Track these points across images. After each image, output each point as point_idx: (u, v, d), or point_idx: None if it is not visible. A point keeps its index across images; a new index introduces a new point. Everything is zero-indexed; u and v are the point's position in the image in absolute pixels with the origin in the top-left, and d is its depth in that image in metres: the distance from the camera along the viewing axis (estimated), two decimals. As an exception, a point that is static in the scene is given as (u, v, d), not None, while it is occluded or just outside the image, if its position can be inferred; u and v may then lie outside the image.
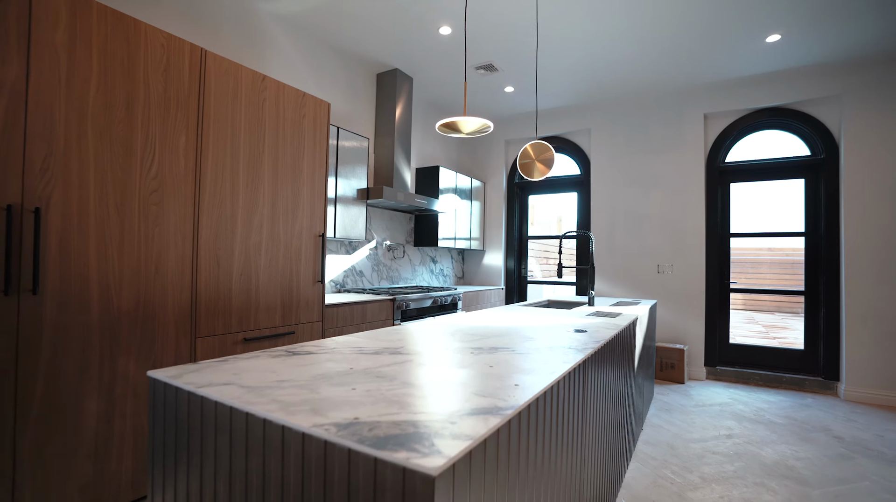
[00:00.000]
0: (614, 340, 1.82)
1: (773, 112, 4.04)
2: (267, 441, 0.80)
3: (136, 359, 1.85)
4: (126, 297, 1.81)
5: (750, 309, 5.14)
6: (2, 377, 1.49)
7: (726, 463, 2.43)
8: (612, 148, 4.68)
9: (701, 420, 3.11)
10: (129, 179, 1.82)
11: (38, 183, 1.56)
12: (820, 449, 2.63)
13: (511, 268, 5.37)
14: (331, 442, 0.70)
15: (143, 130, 1.86)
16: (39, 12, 1.56)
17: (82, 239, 1.68)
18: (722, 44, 3.38)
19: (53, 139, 1.60)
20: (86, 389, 1.70)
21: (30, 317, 1.55)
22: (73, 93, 1.65)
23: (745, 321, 5.20)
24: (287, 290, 2.50)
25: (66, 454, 1.64)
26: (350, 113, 3.82)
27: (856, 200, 3.65)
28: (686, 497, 2.06)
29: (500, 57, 3.69)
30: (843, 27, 3.09)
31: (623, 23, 3.11)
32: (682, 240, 4.32)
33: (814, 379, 3.88)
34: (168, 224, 1.95)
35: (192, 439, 0.95)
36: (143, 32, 1.85)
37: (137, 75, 1.84)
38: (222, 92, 2.16)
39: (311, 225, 2.65)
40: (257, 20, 3.04)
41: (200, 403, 0.93)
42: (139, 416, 1.86)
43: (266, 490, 0.80)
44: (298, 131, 2.56)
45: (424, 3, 2.93)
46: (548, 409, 1.05)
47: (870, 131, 3.61)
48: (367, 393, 0.92)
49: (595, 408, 1.52)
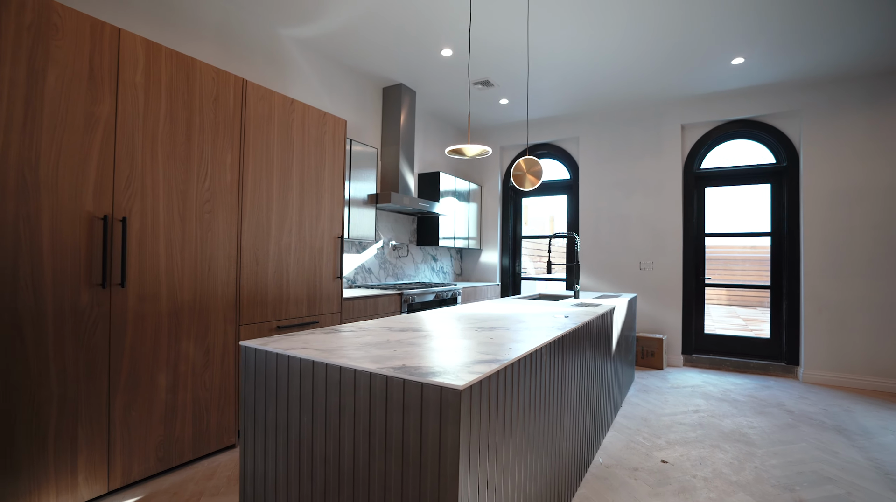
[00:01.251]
0: (591, 324, 2.22)
1: (742, 124, 4.46)
2: (342, 382, 1.18)
3: (194, 342, 2.22)
4: (187, 291, 2.18)
5: (734, 304, 5.57)
6: (99, 354, 1.86)
7: (690, 431, 2.84)
8: (599, 154, 5.08)
9: (674, 399, 3.53)
10: (189, 192, 2.18)
11: (124, 197, 1.93)
12: (771, 421, 3.06)
13: (506, 265, 5.77)
14: (391, 377, 1.09)
15: (199, 151, 2.23)
16: (124, 57, 1.92)
17: (154, 242, 2.05)
18: (694, 64, 3.78)
19: (133, 162, 1.97)
20: (157, 366, 2.07)
21: (119, 306, 1.92)
22: (148, 123, 2.01)
23: (727, 315, 5.64)
24: (311, 285, 2.88)
25: (144, 418, 2.02)
26: (359, 124, 4.19)
27: (813, 204, 4.08)
28: (652, 455, 2.46)
29: (496, 74, 4.07)
30: (798, 52, 3.50)
31: (604, 47, 3.50)
32: (662, 239, 4.73)
33: (777, 365, 4.32)
34: (218, 229, 2.32)
35: (279, 386, 1.33)
36: (198, 69, 2.22)
37: (194, 105, 2.20)
38: (259, 115, 2.53)
39: (331, 228, 3.03)
40: (280, 44, 3.40)
41: (287, 361, 1.31)
42: (196, 390, 2.23)
43: (341, 416, 1.19)
44: (320, 146, 2.93)
45: (428, 29, 3.30)
46: (533, 366, 1.44)
47: (825, 142, 4.04)
48: (404, 353, 1.31)
49: (573, 376, 1.91)
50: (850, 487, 2.14)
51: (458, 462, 1.01)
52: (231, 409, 2.39)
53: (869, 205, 3.87)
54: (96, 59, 1.83)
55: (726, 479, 2.20)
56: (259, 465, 1.38)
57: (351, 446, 1.17)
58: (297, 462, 1.28)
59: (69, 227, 1.76)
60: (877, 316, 3.83)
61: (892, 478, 2.24)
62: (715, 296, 5.07)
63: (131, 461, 1.97)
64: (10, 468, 1.61)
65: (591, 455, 2.35)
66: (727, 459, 2.43)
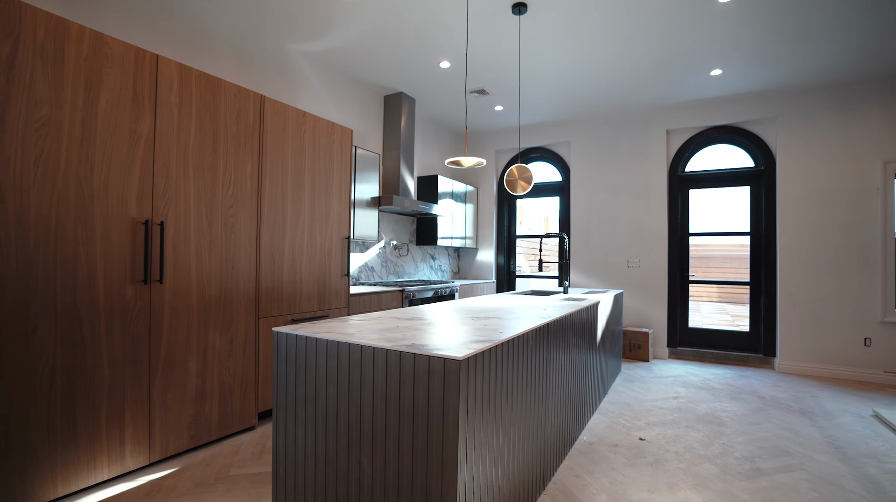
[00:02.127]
0: (574, 315, 2.49)
1: (724, 129, 4.73)
2: (363, 358, 1.45)
3: (220, 333, 2.48)
4: (213, 287, 2.44)
5: (717, 300, 5.86)
6: (142, 343, 2.11)
7: (668, 414, 3.12)
8: (589, 158, 5.36)
9: (656, 387, 3.81)
10: (215, 198, 2.44)
11: (161, 204, 2.18)
12: (744, 405, 3.34)
13: (501, 263, 6.04)
14: (403, 352, 1.35)
15: (223, 161, 2.48)
16: (162, 80, 2.17)
17: (186, 243, 2.30)
18: (677, 75, 4.05)
19: (169, 172, 2.22)
20: (189, 354, 2.32)
21: (157, 301, 2.17)
22: (181, 137, 2.27)
23: (716, 312, 5.93)
24: (321, 282, 3.14)
25: (178, 400, 2.27)
26: (362, 130, 4.44)
27: (788, 205, 4.37)
28: (631, 434, 2.74)
29: (491, 84, 4.33)
30: (771, 65, 3.78)
31: (593, 60, 3.77)
32: (648, 238, 5.01)
33: (755, 356, 4.61)
34: (240, 231, 2.57)
35: (308, 364, 1.59)
36: (222, 87, 2.47)
37: (219, 120, 2.46)
38: (275, 128, 2.78)
39: (339, 229, 3.29)
40: (290, 58, 3.65)
41: (315, 343, 1.57)
42: (222, 376, 2.49)
43: (362, 386, 1.45)
44: (329, 154, 3.19)
45: (427, 44, 3.56)
46: (521, 347, 1.71)
47: (798, 147, 4.32)
48: (412, 335, 1.57)
49: (557, 360, 2.18)
50: (804, 458, 2.42)
51: (457, 421, 1.27)
52: (251, 395, 2.65)
53: (838, 206, 4.16)
54: (139, 82, 2.08)
55: (695, 453, 2.47)
56: (290, 431, 1.64)
57: (370, 411, 1.43)
58: (325, 426, 1.54)
59: (117, 231, 2.01)
60: (845, 310, 4.12)
61: (841, 451, 2.52)
62: (705, 293, 5.35)
63: (168, 437, 2.23)
64: (72, 440, 1.86)
65: (577, 433, 2.62)
66: (698, 437, 2.71)
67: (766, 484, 2.14)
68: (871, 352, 4.04)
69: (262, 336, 2.72)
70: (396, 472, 1.38)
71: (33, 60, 1.73)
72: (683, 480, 2.16)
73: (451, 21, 3.18)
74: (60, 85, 1.81)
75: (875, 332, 4.02)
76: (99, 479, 1.96)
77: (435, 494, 1.31)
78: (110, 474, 2.00)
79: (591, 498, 1.97)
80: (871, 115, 4.04)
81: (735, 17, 3.06)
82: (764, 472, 2.26)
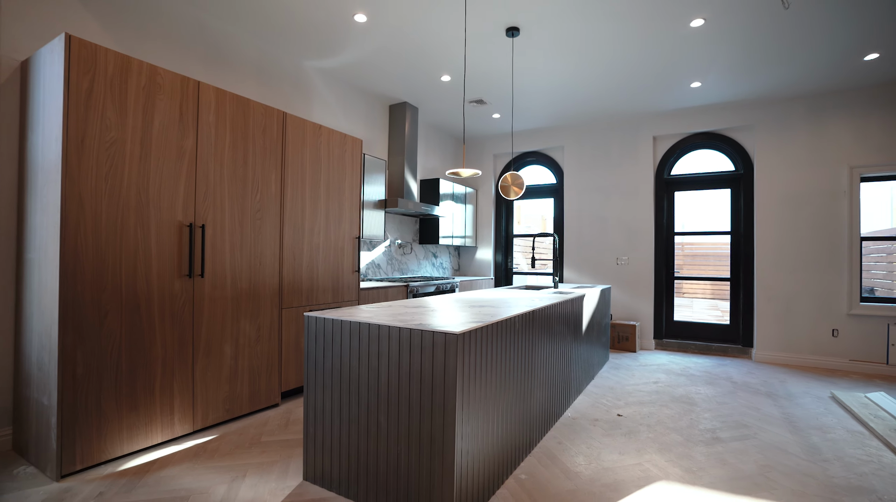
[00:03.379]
0: (559, 305, 2.84)
1: (706, 136, 5.07)
2: (380, 335, 1.80)
3: (249, 321, 2.84)
4: (244, 281, 2.79)
5: (709, 297, 6.20)
6: (186, 328, 2.47)
7: (647, 396, 3.47)
8: (581, 162, 5.70)
9: (639, 374, 4.16)
10: (245, 204, 2.79)
11: (202, 209, 2.54)
12: (716, 389, 3.69)
13: (499, 261, 6.40)
14: (413, 329, 1.71)
15: (252, 171, 2.83)
16: (202, 102, 2.52)
17: (221, 243, 2.66)
18: (661, 87, 4.39)
19: (207, 182, 2.57)
20: (224, 339, 2.68)
21: (199, 292, 2.53)
22: (217, 152, 2.62)
23: (709, 308, 6.26)
24: (335, 277, 3.49)
25: (216, 378, 2.63)
26: (369, 137, 4.79)
27: (764, 207, 4.71)
28: (611, 412, 3.09)
29: (488, 94, 4.68)
30: (746, 78, 4.12)
31: (583, 74, 4.11)
32: (636, 237, 5.35)
33: (735, 347, 4.96)
34: (266, 232, 2.93)
35: (333, 341, 1.95)
36: (251, 107, 2.82)
37: (248, 136, 2.81)
38: (295, 140, 3.13)
39: (350, 229, 3.64)
40: (305, 73, 4.00)
41: (340, 324, 1.93)
42: (251, 358, 2.85)
43: (379, 358, 1.81)
44: (341, 162, 3.54)
45: (430, 61, 3.90)
46: (509, 329, 2.06)
47: (774, 152, 4.66)
48: (419, 318, 1.92)
49: (543, 343, 2.54)
50: (759, 430, 2.78)
51: (455, 384, 1.63)
52: (275, 376, 3.01)
53: (809, 208, 4.50)
54: (184, 105, 2.43)
55: (665, 426, 2.83)
56: (319, 397, 2.00)
57: (386, 377, 1.79)
58: (348, 392, 1.90)
59: (167, 232, 2.37)
60: (815, 303, 4.46)
61: (793, 425, 2.87)
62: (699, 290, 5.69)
63: (207, 409, 2.59)
64: (133, 407, 2.22)
65: (562, 410, 2.98)
66: (670, 414, 3.06)
67: (720, 449, 2.49)
68: (838, 342, 4.38)
69: (285, 325, 3.08)
70: (407, 427, 1.74)
71: (104, 92, 2.09)
72: (650, 446, 2.52)
73: (451, 41, 3.53)
74: (124, 111, 2.17)
75: (842, 324, 4.36)
76: (154, 442, 2.32)
77: (437, 443, 1.67)
78: (163, 438, 2.36)
79: (569, 459, 2.33)
80: (839, 124, 4.38)
81: (706, 38, 3.40)
82: (721, 440, 2.61)
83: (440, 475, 1.67)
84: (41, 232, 2.08)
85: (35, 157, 2.14)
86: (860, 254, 4.35)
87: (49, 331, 2.00)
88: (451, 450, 1.64)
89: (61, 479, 1.98)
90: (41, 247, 2.08)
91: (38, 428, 2.07)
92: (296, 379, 3.18)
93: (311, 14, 3.15)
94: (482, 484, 1.86)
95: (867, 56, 3.64)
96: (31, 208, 2.16)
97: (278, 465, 2.20)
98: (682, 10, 3.03)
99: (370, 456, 1.84)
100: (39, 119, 2.12)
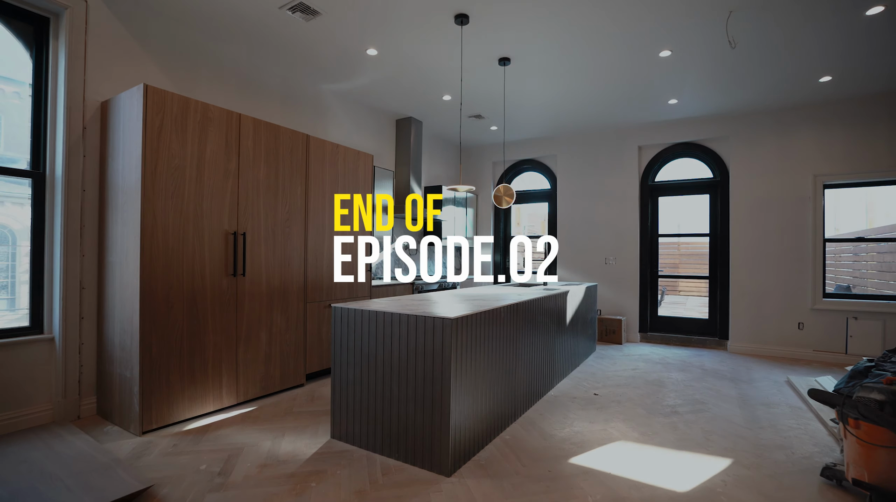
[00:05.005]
0: (544, 299, 3.33)
1: (687, 146, 5.53)
2: (392, 321, 2.31)
3: (280, 313, 3.35)
4: (276, 280, 3.31)
5: (699, 295, 6.66)
6: (231, 318, 2.99)
7: (623, 380, 3.95)
8: (573, 169, 6.17)
9: (621, 362, 4.64)
10: (276, 214, 3.31)
11: (242, 219, 3.06)
12: (687, 374, 4.16)
13: (498, 261, 6.88)
14: (418, 316, 2.21)
15: (282, 186, 3.35)
16: (242, 131, 3.04)
17: (258, 248, 3.18)
18: (641, 103, 4.86)
19: (246, 196, 3.09)
20: (260, 327, 3.20)
21: (241, 289, 3.05)
22: (254, 171, 3.14)
23: (699, 305, 6.73)
24: (350, 276, 4.00)
25: (254, 360, 3.15)
26: (378, 149, 5.30)
27: (739, 211, 5.16)
28: (589, 392, 3.58)
29: (486, 110, 5.17)
30: (716, 96, 4.57)
31: (569, 92, 4.59)
32: (623, 239, 5.82)
33: (712, 339, 5.42)
34: (293, 238, 3.44)
35: (355, 326, 2.46)
36: (281, 132, 3.34)
37: (279, 156, 3.32)
38: (317, 158, 3.64)
39: (362, 234, 4.15)
40: (322, 95, 4.51)
41: (360, 313, 2.43)
42: (283, 344, 3.36)
43: (392, 338, 2.31)
44: (355, 175, 4.05)
45: (433, 84, 4.39)
46: (497, 317, 2.56)
47: (746, 161, 5.11)
48: (423, 308, 2.43)
49: (527, 330, 3.03)
50: (713, 406, 3.26)
51: (450, 358, 2.13)
52: (301, 360, 3.53)
53: (779, 212, 4.95)
54: (229, 134, 2.95)
55: (633, 402, 3.32)
56: (343, 371, 2.51)
57: (398, 353, 2.29)
58: (367, 367, 2.41)
59: (217, 239, 2.89)
60: (783, 299, 4.92)
61: (745, 402, 3.34)
62: (684, 287, 6.15)
63: (248, 386, 3.11)
64: (191, 381, 2.75)
65: (546, 390, 3.48)
66: (640, 393, 3.55)
67: (675, 419, 2.98)
68: (803, 334, 4.84)
69: (309, 317, 3.59)
70: (413, 392, 2.24)
71: (171, 127, 2.61)
72: (617, 417, 3.01)
73: (451, 69, 4.02)
74: (184, 141, 2.69)
75: (807, 318, 4.82)
76: (208, 410, 2.85)
77: (437, 405, 2.17)
78: (214, 407, 2.89)
79: (547, 425, 2.83)
80: (803, 136, 4.83)
81: (675, 66, 3.87)
82: (678, 413, 3.10)
83: (439, 429, 2.17)
84: (122, 240, 2.61)
85: (116, 180, 2.67)
86: (823, 255, 4.80)
87: (131, 319, 2.53)
88: (448, 411, 2.14)
89: (143, 435, 2.51)
90: (122, 252, 2.61)
91: (122, 396, 2.60)
92: (318, 362, 3.70)
93: (329, 49, 3.66)
94: (473, 440, 2.37)
95: (821, 79, 4.09)
96: (112, 221, 2.69)
97: (309, 428, 2.71)
98: (651, 44, 3.50)
99: (384, 416, 2.35)
100: (120, 149, 2.65)
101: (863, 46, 3.46)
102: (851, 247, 5.01)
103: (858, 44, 3.42)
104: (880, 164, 4.51)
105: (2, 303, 2.65)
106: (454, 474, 2.17)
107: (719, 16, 3.06)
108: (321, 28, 3.31)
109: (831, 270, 4.93)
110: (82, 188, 2.76)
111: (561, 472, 2.22)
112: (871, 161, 4.55)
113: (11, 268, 2.68)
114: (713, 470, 2.25)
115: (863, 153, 4.59)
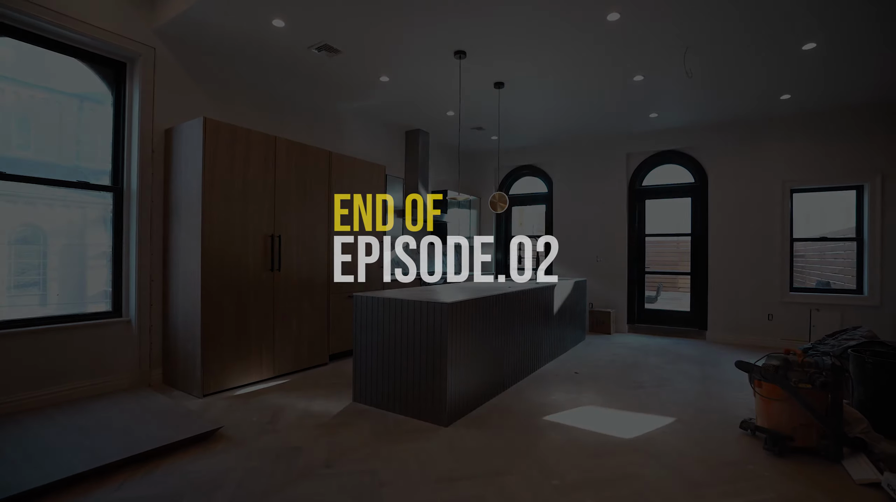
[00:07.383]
0: (531, 291, 3.92)
1: (671, 153, 6.04)
2: (403, 306, 2.91)
3: (308, 303, 3.97)
4: (304, 275, 3.93)
5: (681, 290, 7.16)
6: (268, 306, 3.62)
7: (603, 362, 4.51)
8: (567, 175, 6.72)
9: (605, 349, 5.19)
10: (305, 219, 3.93)
11: (280, 223, 3.68)
12: (664, 359, 4.70)
13: (499, 258, 7.46)
14: (423, 302, 2.82)
15: (310, 195, 3.97)
16: (277, 151, 3.66)
17: (291, 248, 3.80)
18: (626, 116, 5.39)
19: (280, 204, 3.71)
20: (291, 314, 3.83)
21: (277, 282, 3.68)
22: (287, 184, 3.76)
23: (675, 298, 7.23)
24: (365, 271, 4.61)
25: (286, 341, 3.78)
26: (389, 159, 5.91)
27: (716, 213, 5.68)
28: (570, 371, 4.15)
29: (485, 122, 5.74)
30: (692, 110, 5.09)
31: (560, 108, 5.14)
32: (612, 239, 6.36)
33: (693, 330, 5.94)
34: (319, 240, 4.06)
35: (373, 311, 3.06)
36: (308, 150, 3.95)
37: (306, 170, 3.94)
38: (338, 171, 4.26)
39: (377, 234, 4.76)
40: (339, 113, 5.13)
41: (378, 300, 3.04)
42: (310, 329, 3.98)
43: (404, 320, 2.92)
44: (369, 184, 4.65)
45: (438, 102, 4.98)
46: (487, 303, 3.15)
47: (722, 168, 5.62)
48: (428, 296, 3.03)
49: (515, 316, 3.61)
50: (675, 382, 3.81)
51: (447, 335, 2.72)
52: (325, 342, 4.15)
53: (750, 215, 5.46)
54: (267, 154, 3.57)
55: (607, 379, 3.88)
56: (363, 351, 3.12)
57: (409, 332, 2.89)
58: (384, 345, 3.01)
59: (259, 240, 3.51)
60: (755, 293, 5.43)
61: (704, 380, 3.89)
62: (670, 283, 6.67)
63: (282, 362, 3.74)
64: (238, 356, 3.38)
65: (533, 369, 4.06)
66: (615, 372, 4.11)
67: (640, 392, 3.54)
68: (773, 324, 5.34)
69: (332, 306, 4.21)
70: (420, 363, 2.84)
71: (223, 150, 3.24)
72: (590, 390, 3.58)
73: (453, 91, 4.61)
74: (233, 161, 3.32)
75: (776, 310, 5.32)
76: (251, 380, 3.48)
77: (437, 372, 2.77)
78: (256, 378, 3.52)
79: (529, 395, 3.41)
80: (772, 145, 5.33)
81: (648, 86, 4.41)
82: (643, 387, 3.66)
83: (439, 392, 2.76)
84: (184, 242, 3.25)
85: (179, 193, 3.31)
86: (791, 253, 5.30)
87: (194, 305, 3.17)
88: (445, 377, 2.74)
89: (203, 397, 3.15)
90: (185, 251, 3.25)
91: (186, 366, 3.24)
92: (339, 345, 4.31)
93: (348, 78, 4.27)
94: (466, 402, 2.96)
95: (782, 97, 4.60)
96: (176, 226, 3.33)
97: (335, 395, 3.33)
98: (625, 71, 4.05)
99: (396, 382, 2.95)
100: (182, 168, 3.28)
101: (808, 73, 3.97)
102: (819, 246, 5.50)
103: (803, 71, 3.94)
104: (838, 172, 5.00)
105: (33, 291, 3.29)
106: (450, 425, 2.77)
107: (679, 50, 3.60)
108: (342, 62, 3.91)
109: (802, 267, 5.42)
110: (151, 199, 3.40)
111: (534, 425, 2.80)
112: (830, 168, 5.04)
113: (43, 265, 3.32)
114: (656, 425, 2.82)
115: (823, 161, 5.08)
